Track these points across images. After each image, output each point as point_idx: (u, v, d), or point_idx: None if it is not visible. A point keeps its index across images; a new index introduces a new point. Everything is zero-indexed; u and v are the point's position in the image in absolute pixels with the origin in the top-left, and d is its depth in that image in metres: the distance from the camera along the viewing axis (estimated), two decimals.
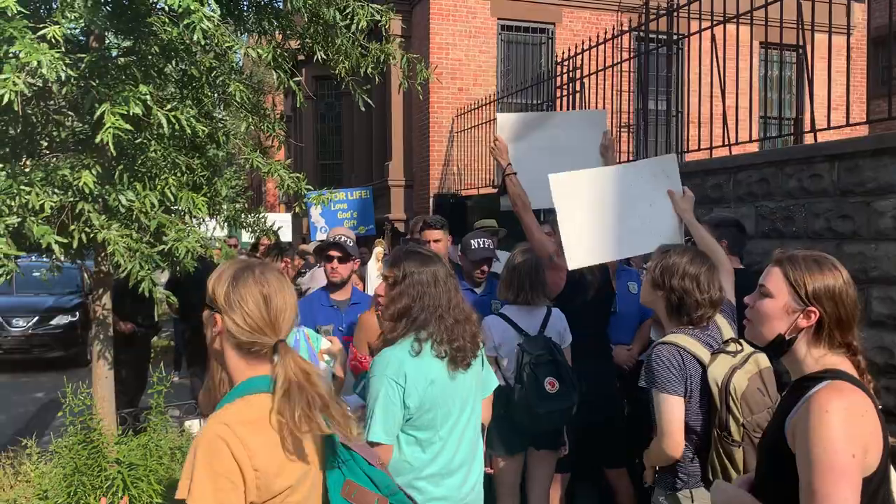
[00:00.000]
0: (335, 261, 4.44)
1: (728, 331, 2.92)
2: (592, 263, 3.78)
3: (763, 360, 2.77)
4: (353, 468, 1.88)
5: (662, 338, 2.84)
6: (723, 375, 2.69)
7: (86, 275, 11.01)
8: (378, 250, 8.61)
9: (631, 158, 8.44)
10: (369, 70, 5.21)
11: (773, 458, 1.92)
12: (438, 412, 2.60)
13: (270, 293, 1.83)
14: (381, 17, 4.88)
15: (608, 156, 4.37)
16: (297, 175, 5.04)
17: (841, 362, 1.91)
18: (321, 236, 9.12)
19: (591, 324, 4.21)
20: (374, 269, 8.10)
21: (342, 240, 4.47)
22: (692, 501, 2.75)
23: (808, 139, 5.27)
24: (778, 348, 1.99)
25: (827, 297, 1.91)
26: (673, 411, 2.70)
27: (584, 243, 3.62)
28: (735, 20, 5.58)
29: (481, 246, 4.80)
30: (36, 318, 11.52)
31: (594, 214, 3.65)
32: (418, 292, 2.62)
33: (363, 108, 5.31)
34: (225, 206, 5.27)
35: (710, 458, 2.71)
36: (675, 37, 7.35)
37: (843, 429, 1.70)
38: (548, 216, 5.03)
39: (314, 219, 10.13)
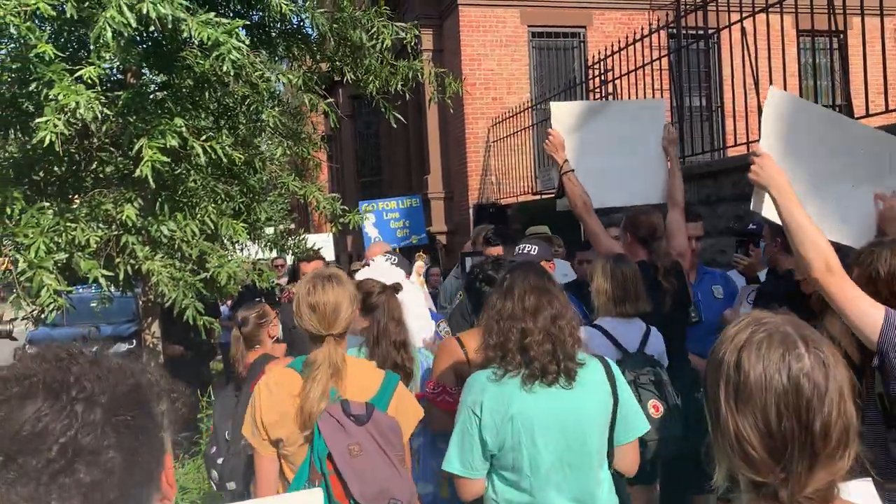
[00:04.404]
0: None
1: None
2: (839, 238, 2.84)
3: None
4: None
5: None
6: None
7: (140, 303, 11.34)
8: (419, 264, 8.54)
9: None
10: (399, 87, 5.27)
11: None
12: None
13: (318, 300, 2.42)
14: (406, 34, 4.93)
15: (671, 151, 4.09)
16: (333, 196, 5.12)
17: None
18: None
19: (667, 339, 3.63)
20: (416, 284, 8.03)
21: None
22: None
23: None
24: None
25: None
26: None
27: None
28: (770, 9, 5.47)
29: (522, 252, 4.62)
30: (95, 347, 11.86)
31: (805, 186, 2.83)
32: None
33: (395, 125, 5.37)
34: (266, 231, 5.38)
35: None
36: (709, 31, 7.25)
37: None
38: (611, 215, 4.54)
39: (367, 230, 10.22)
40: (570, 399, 2.35)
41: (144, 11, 3.32)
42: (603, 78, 8.43)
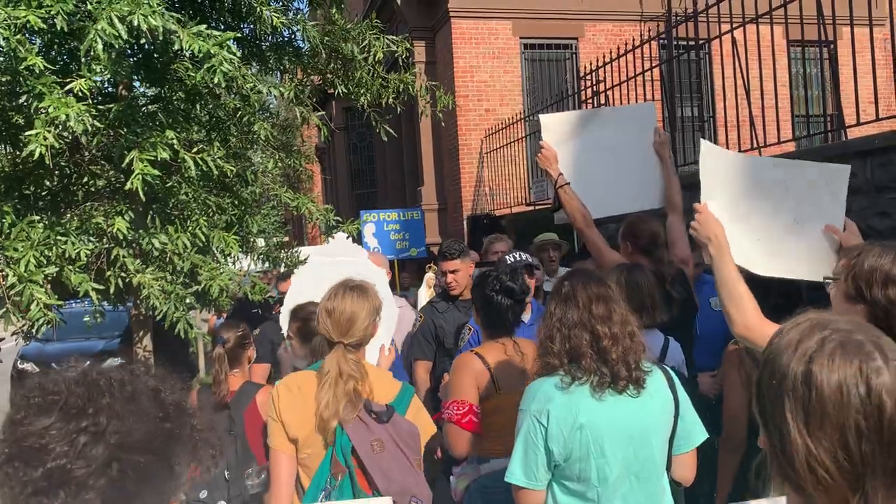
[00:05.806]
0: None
1: None
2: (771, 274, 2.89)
3: None
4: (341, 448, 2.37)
5: None
6: None
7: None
8: (429, 276, 8.46)
9: None
10: (390, 100, 5.27)
11: None
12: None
13: (335, 307, 2.49)
14: (398, 47, 4.93)
15: (664, 154, 3.96)
16: (326, 207, 5.10)
17: None
18: None
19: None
20: (425, 296, 7.97)
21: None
22: None
23: (850, 134, 5.17)
24: None
25: None
26: None
27: (753, 250, 2.80)
28: (761, 20, 5.50)
29: (516, 259, 4.46)
30: (87, 362, 11.76)
31: (748, 220, 2.89)
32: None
33: (385, 138, 5.36)
34: (260, 243, 5.36)
35: None
36: (700, 41, 7.28)
37: None
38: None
39: (367, 239, 10.20)
40: (637, 407, 2.33)
41: (135, 24, 3.31)
42: (595, 89, 8.46)
